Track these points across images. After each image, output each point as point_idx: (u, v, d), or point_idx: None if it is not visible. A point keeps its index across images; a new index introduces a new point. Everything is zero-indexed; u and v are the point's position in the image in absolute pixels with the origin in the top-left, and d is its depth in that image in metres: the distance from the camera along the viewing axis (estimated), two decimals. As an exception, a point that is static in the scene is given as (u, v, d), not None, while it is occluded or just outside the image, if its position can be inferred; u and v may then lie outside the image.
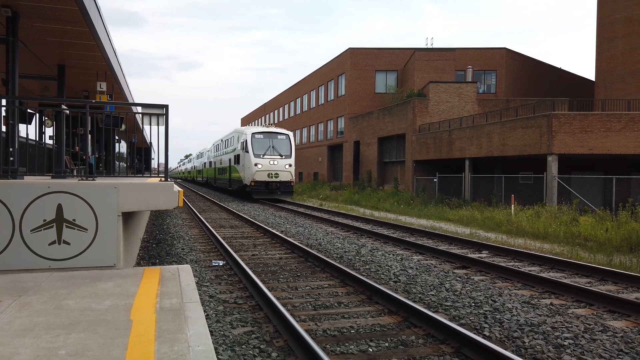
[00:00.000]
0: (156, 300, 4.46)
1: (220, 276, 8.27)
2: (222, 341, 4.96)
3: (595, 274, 8.66)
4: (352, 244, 11.80)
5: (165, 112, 6.52)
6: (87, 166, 8.59)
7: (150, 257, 9.98)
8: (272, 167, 26.31)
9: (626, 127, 20.59)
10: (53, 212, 5.53)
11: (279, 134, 27.68)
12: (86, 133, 7.35)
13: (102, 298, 4.47)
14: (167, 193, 6.21)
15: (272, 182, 26.34)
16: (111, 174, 11.20)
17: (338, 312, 6.18)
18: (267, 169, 26.19)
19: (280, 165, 26.52)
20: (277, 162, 26.50)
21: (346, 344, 5.03)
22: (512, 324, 5.72)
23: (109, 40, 11.50)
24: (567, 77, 42.78)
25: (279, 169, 26.47)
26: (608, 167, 23.46)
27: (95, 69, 13.17)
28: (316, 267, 9.10)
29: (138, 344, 3.34)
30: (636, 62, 29.06)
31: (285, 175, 26.76)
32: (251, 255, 10.33)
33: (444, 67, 36.37)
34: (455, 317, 6.02)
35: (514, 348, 5.00)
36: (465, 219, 17.87)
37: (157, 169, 11.50)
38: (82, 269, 5.61)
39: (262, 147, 26.64)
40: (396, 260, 9.82)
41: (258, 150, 26.49)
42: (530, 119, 22.14)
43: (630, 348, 5.00)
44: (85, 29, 9.50)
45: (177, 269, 5.89)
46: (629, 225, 13.00)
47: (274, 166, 26.34)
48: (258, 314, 6.05)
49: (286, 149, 27.29)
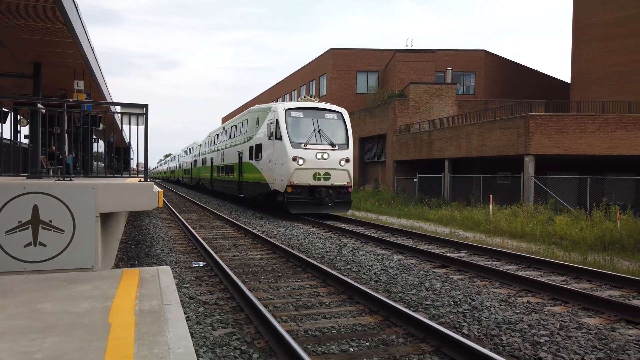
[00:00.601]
0: (135, 302, 4.41)
1: (201, 277, 8.21)
2: (203, 343, 4.93)
3: (571, 272, 8.86)
4: (333, 244, 11.84)
5: (145, 112, 6.44)
6: (64, 166, 8.43)
7: (129, 258, 9.85)
8: (320, 163, 17.35)
9: (600, 129, 21.11)
10: (29, 213, 5.41)
11: (328, 111, 18.30)
12: (63, 132, 7.22)
13: (80, 301, 4.40)
14: (147, 193, 6.14)
15: (321, 187, 17.41)
16: (89, 174, 11.01)
17: (319, 312, 6.19)
18: (313, 166, 17.25)
19: (333, 161, 17.52)
20: (328, 155, 17.47)
21: (327, 344, 5.05)
22: (490, 322, 5.82)
23: (86, 37, 11.31)
24: (545, 80, 43.64)
25: (330, 165, 17.47)
26: (583, 167, 24.00)
27: (73, 67, 12.94)
28: (297, 267, 9.10)
29: (117, 347, 3.30)
30: (612, 65, 29.79)
31: (341, 176, 17.70)
32: (232, 256, 10.28)
33: (424, 69, 36.75)
34: (435, 316, 6.10)
35: (492, 346, 5.09)
36: (445, 218, 18.08)
37: (136, 168, 11.34)
38: (59, 271, 5.51)
39: (303, 131, 17.67)
40: (377, 260, 9.89)
41: (297, 136, 17.52)
42: (508, 120, 22.52)
43: (603, 345, 5.13)
44: (63, 26, 9.33)
45: (157, 271, 5.83)
46: (602, 225, 13.34)
47: (323, 162, 17.38)
48: (239, 315, 6.03)
49: (340, 134, 18.17)
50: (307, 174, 17.19)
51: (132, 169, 13.49)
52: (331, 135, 17.83)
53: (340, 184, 17.68)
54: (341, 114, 18.45)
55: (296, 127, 17.66)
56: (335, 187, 17.63)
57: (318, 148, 17.44)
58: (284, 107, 17.85)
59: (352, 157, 18.04)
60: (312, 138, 17.57)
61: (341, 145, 17.84)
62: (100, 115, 11.91)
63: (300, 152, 17.18)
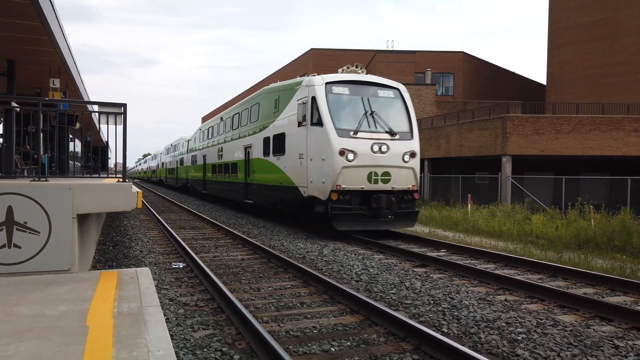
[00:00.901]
0: (114, 304, 4.34)
1: (181, 278, 8.13)
2: (183, 345, 4.89)
3: (547, 270, 9.04)
4: (314, 244, 11.85)
5: (123, 111, 6.35)
6: (39, 166, 8.25)
7: (106, 259, 9.69)
8: (377, 158, 12.68)
9: (575, 130, 21.59)
10: (3, 214, 5.28)
11: (382, 87, 13.69)
12: (38, 131, 7.06)
13: (56, 303, 4.31)
14: (125, 194, 6.06)
15: (379, 192, 12.73)
16: (65, 174, 10.80)
17: (301, 313, 6.20)
18: (368, 162, 12.59)
19: (394, 155, 12.89)
20: (388, 147, 12.80)
21: (309, 344, 5.06)
22: (469, 320, 5.90)
23: (62, 35, 11.09)
24: (522, 81, 44.48)
25: (391, 162, 12.84)
26: (558, 167, 24.54)
27: (48, 65, 12.68)
28: (279, 267, 9.09)
29: (95, 351, 3.25)
30: (586, 67, 30.51)
31: (404, 176, 13.07)
32: (212, 256, 10.20)
33: (404, 69, 37.05)
34: (415, 315, 6.16)
35: (471, 344, 5.17)
36: (425, 218, 18.27)
37: (114, 168, 11.14)
38: (34, 274, 5.39)
39: (350, 114, 12.94)
40: (358, 259, 9.94)
41: (344, 120, 12.75)
42: (486, 121, 22.87)
43: (578, 341, 5.26)
44: (38, 23, 9.14)
45: (136, 272, 5.75)
46: (577, 224, 13.66)
47: (381, 157, 12.71)
48: (220, 317, 5.99)
49: (401, 118, 13.51)
50: (360, 173, 12.38)
51: (110, 168, 13.33)
52: (389, 120, 13.07)
53: (404, 187, 13.00)
54: (399, 90, 13.80)
55: (341, 107, 12.79)
56: (397, 192, 12.92)
57: (373, 137, 12.57)
58: (323, 79, 12.93)
59: (419, 151, 13.48)
60: (364, 123, 12.70)
61: (404, 134, 13.13)
62: (77, 114, 11.70)
63: (349, 142, 12.26)
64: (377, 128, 12.86)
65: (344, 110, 12.88)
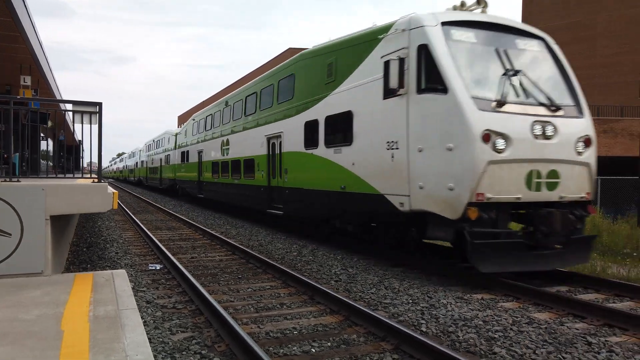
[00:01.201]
0: (89, 308, 4.26)
1: (158, 280, 8.01)
2: (162, 348, 4.82)
3: None
4: (293, 245, 11.83)
5: (98, 111, 6.23)
6: (10, 166, 8.02)
7: (80, 262, 9.48)
8: (541, 147, 7.66)
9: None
10: (-28, 216, 5.12)
11: (521, 34, 8.81)
12: (9, 130, 6.86)
13: (30, 307, 4.20)
14: (101, 195, 5.94)
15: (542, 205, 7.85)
16: (37, 174, 10.52)
17: (281, 314, 6.18)
18: (529, 154, 7.56)
19: (564, 142, 7.89)
20: (555, 127, 7.81)
21: (289, 345, 5.05)
22: (447, 319, 5.97)
23: (34, 31, 10.80)
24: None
25: (559, 153, 7.85)
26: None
27: (19, 62, 12.34)
28: (258, 268, 9.04)
29: (71, 356, 3.18)
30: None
31: (577, 177, 8.09)
32: (190, 258, 10.08)
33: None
34: (394, 315, 6.20)
35: (449, 342, 5.23)
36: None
37: (88, 168, 10.90)
38: (6, 277, 5.24)
39: (486, 74, 7.97)
40: (336, 259, 9.95)
41: (480, 84, 7.82)
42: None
43: (553, 338, 5.38)
44: (9, 18, 8.88)
45: (112, 274, 5.65)
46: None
47: (546, 144, 7.70)
48: (198, 319, 5.93)
49: (558, 83, 8.56)
50: (516, 173, 7.56)
51: (84, 168, 12.97)
52: (543, 85, 8.29)
53: (576, 196, 8.12)
54: (545, 42, 9.06)
55: (470, 64, 8.01)
56: (565, 204, 8.08)
57: (529, 112, 7.81)
58: (437, 18, 8.15)
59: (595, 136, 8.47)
60: (511, 91, 7.93)
61: (569, 109, 8.32)
62: (50, 112, 11.42)
63: (497, 120, 7.48)
64: (528, 98, 8.00)
65: (475, 68, 8.04)
